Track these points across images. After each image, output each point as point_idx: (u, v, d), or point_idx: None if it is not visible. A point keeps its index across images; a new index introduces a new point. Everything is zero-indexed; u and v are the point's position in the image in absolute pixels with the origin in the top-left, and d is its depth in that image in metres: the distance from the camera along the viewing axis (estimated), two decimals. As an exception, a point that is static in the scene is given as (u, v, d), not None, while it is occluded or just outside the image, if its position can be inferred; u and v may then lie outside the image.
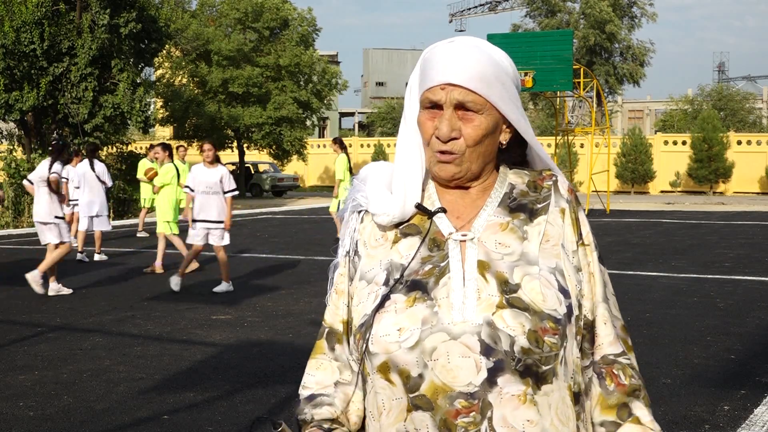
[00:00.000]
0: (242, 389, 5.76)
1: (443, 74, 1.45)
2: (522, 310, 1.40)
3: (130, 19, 22.39)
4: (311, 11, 36.45)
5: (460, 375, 1.38)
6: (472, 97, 1.45)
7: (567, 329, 1.43)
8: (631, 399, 1.50)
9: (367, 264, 1.52)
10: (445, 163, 1.47)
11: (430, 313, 1.41)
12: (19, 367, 6.43)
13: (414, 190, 1.51)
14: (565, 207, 1.53)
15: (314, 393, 1.56)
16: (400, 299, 1.44)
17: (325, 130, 65.79)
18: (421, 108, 1.49)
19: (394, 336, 1.42)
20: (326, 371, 1.57)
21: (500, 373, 1.37)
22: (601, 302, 1.52)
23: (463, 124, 1.46)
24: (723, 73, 72.07)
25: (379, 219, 1.52)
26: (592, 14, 42.54)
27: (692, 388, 5.73)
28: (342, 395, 1.55)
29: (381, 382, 1.45)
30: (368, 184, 1.56)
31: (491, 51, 1.48)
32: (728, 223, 19.33)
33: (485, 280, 1.43)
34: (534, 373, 1.39)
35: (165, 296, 9.60)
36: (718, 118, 36.66)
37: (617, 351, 1.52)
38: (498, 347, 1.38)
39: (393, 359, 1.41)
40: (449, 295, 1.42)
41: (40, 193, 9.97)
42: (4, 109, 21.63)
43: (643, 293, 9.53)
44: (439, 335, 1.40)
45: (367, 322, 1.46)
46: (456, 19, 66.52)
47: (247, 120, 33.68)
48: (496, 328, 1.38)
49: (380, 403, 1.47)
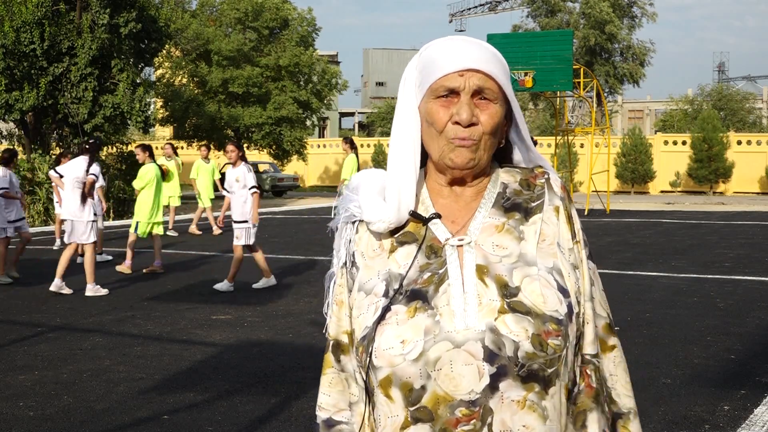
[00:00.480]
0: (242, 389, 5.76)
1: (461, 60, 1.45)
2: (524, 314, 1.39)
3: (130, 18, 22.38)
4: (311, 11, 36.46)
5: (462, 383, 1.37)
6: (490, 83, 1.46)
7: (569, 329, 1.43)
8: (591, 408, 1.49)
9: (365, 275, 1.51)
10: (463, 147, 1.45)
11: (432, 322, 1.40)
12: (19, 367, 6.43)
13: (408, 196, 1.50)
14: (558, 205, 1.53)
15: (332, 418, 1.57)
16: (401, 310, 1.43)
17: (325, 130, 65.80)
18: (433, 97, 1.48)
19: (397, 349, 1.40)
20: (339, 389, 1.57)
21: (502, 378, 1.37)
22: (587, 300, 1.52)
23: (480, 111, 1.46)
24: (723, 73, 72.05)
25: (375, 227, 1.51)
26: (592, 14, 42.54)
27: (692, 388, 5.73)
28: (357, 417, 1.55)
29: (380, 398, 1.44)
30: (360, 193, 1.54)
31: (489, 47, 1.50)
32: (728, 223, 19.33)
33: (485, 284, 1.42)
34: (540, 378, 1.39)
35: (165, 296, 9.60)
36: (718, 118, 36.64)
37: (594, 352, 1.52)
38: (502, 353, 1.37)
39: (397, 372, 1.40)
40: (450, 303, 1.41)
41: (74, 192, 9.97)
42: (4, 109, 21.62)
43: (643, 293, 9.53)
44: (442, 344, 1.39)
45: (368, 335, 1.45)
46: (456, 19, 66.53)
47: (247, 120, 33.69)
48: (500, 334, 1.38)
49: (377, 417, 1.47)
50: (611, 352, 1.55)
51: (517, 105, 1.53)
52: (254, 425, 5.03)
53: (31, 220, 20.67)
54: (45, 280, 10.82)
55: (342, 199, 1.59)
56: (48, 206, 20.31)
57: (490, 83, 1.46)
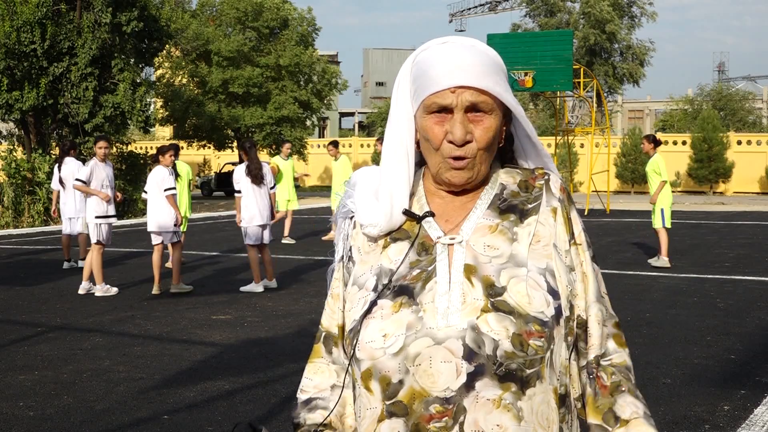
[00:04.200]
0: (242, 389, 5.76)
1: (452, 77, 1.43)
2: (507, 313, 1.39)
3: (132, 17, 22.39)
4: (311, 11, 36.47)
5: (440, 380, 1.37)
6: (483, 97, 1.44)
7: (554, 331, 1.42)
8: (614, 399, 1.48)
9: (359, 269, 1.52)
10: (459, 169, 1.45)
11: (415, 318, 1.41)
12: (19, 367, 6.43)
13: (401, 199, 1.50)
14: (557, 206, 1.52)
15: (311, 397, 1.57)
16: (387, 305, 1.44)
17: (325, 130, 65.79)
18: (427, 113, 1.46)
19: (379, 342, 1.41)
20: (324, 375, 1.58)
21: (479, 377, 1.37)
22: (594, 302, 1.51)
23: (474, 126, 1.45)
24: (723, 73, 72.05)
25: (367, 230, 1.52)
26: (593, 14, 42.52)
27: (692, 388, 5.73)
28: (336, 397, 1.55)
29: (362, 390, 1.45)
30: (356, 192, 1.55)
31: (485, 49, 1.48)
32: (728, 223, 19.33)
33: (471, 284, 1.42)
34: (518, 378, 1.38)
35: (165, 296, 9.60)
36: (718, 118, 36.64)
37: (601, 352, 1.52)
38: (481, 351, 1.37)
39: (377, 366, 1.41)
40: (434, 300, 1.41)
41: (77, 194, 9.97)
42: (4, 109, 21.62)
43: (643, 293, 9.53)
44: (423, 340, 1.39)
45: (355, 327, 1.46)
46: (456, 19, 66.52)
47: (248, 120, 33.69)
48: (480, 332, 1.37)
49: (359, 409, 1.48)
50: (626, 348, 1.56)
51: (517, 105, 1.50)
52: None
53: (30, 220, 20.69)
54: (45, 280, 10.84)
55: (343, 194, 1.60)
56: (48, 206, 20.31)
57: (483, 96, 1.44)
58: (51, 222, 19.69)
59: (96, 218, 9.82)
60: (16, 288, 10.24)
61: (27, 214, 20.74)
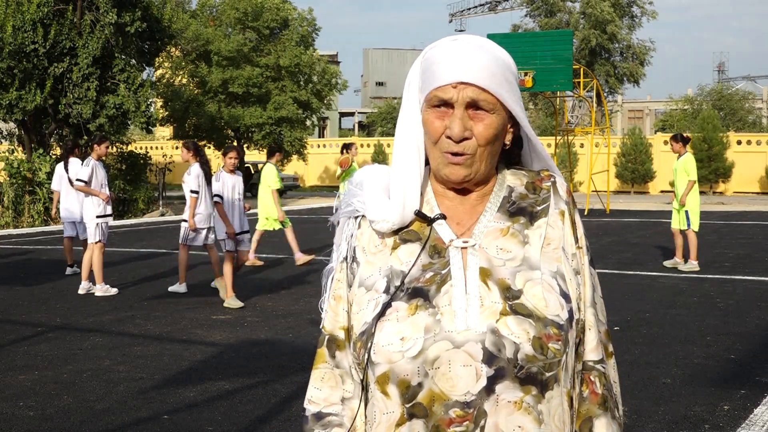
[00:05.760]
0: (242, 389, 5.76)
1: (455, 72, 1.43)
2: (526, 316, 1.39)
3: (136, 17, 22.38)
4: (311, 11, 36.43)
5: (459, 384, 1.37)
6: (485, 95, 1.43)
7: (569, 334, 1.42)
8: (598, 414, 1.49)
9: (366, 270, 1.50)
10: (457, 165, 1.45)
11: (433, 321, 1.40)
12: (19, 367, 6.43)
13: (413, 196, 1.48)
14: (564, 209, 1.52)
15: (322, 411, 1.54)
16: (402, 307, 1.42)
17: (325, 130, 65.78)
18: (428, 107, 1.46)
19: (396, 345, 1.40)
20: (331, 384, 1.54)
21: (500, 380, 1.36)
22: (589, 306, 1.51)
23: (475, 123, 1.44)
24: (723, 73, 72.03)
25: (378, 226, 1.49)
26: (593, 14, 42.51)
27: (692, 388, 5.73)
28: (349, 412, 1.53)
29: (377, 394, 1.44)
30: (365, 189, 1.53)
31: (496, 50, 1.47)
32: (728, 223, 19.33)
33: (487, 287, 1.41)
34: (538, 381, 1.38)
35: (165, 296, 9.60)
36: (718, 118, 36.64)
37: (597, 357, 1.52)
38: (501, 355, 1.37)
39: (395, 369, 1.40)
40: (451, 303, 1.40)
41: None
42: (6, 109, 21.60)
43: (643, 293, 9.53)
44: (442, 344, 1.38)
45: (368, 330, 1.44)
46: (456, 19, 66.51)
47: (248, 120, 33.67)
48: (501, 336, 1.37)
49: (373, 413, 1.46)
50: (611, 358, 1.56)
51: (521, 109, 1.49)
52: (254, 425, 5.03)
53: (30, 220, 20.69)
54: (45, 280, 10.84)
55: (346, 194, 1.57)
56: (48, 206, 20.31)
57: (485, 94, 1.43)
58: (51, 222, 19.69)
59: (97, 218, 9.82)
60: (16, 288, 10.24)
61: (27, 214, 20.74)
